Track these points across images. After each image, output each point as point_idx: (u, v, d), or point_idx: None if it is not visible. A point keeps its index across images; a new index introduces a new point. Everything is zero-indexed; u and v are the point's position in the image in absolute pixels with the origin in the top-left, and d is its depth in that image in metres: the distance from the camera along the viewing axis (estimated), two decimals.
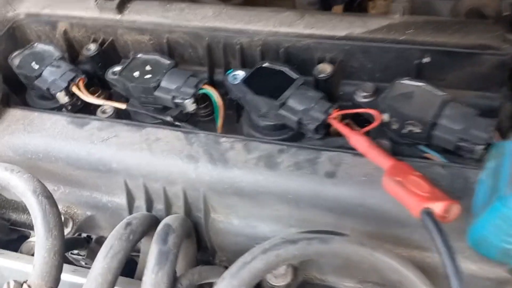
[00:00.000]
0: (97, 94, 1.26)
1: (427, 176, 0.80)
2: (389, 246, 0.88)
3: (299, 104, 1.00)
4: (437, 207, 0.73)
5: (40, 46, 1.23)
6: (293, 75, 1.05)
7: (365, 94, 1.06)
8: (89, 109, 1.18)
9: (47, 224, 0.86)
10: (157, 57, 1.15)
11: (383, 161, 0.84)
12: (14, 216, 1.20)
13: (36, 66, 1.19)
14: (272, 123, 1.06)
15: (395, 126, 0.97)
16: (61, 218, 0.89)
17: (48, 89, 1.16)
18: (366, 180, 0.87)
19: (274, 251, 0.79)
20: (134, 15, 1.26)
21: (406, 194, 0.76)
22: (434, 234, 0.71)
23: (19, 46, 1.26)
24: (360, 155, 0.90)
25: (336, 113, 0.98)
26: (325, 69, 1.10)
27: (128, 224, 0.88)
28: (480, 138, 0.88)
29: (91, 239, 1.07)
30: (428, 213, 0.73)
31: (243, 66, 1.18)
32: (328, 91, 1.06)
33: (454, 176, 0.85)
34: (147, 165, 0.99)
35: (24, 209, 1.18)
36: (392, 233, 0.89)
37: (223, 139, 0.98)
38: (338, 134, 1.00)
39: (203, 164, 0.95)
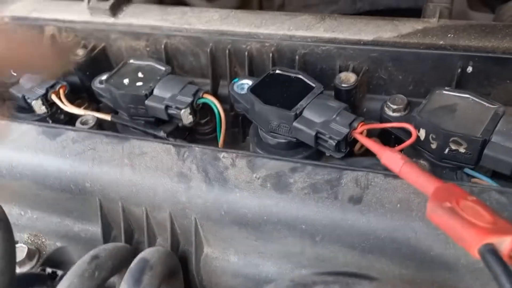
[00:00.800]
0: (83, 107, 1.10)
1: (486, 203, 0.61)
2: None
3: (317, 116, 0.85)
4: (504, 242, 0.54)
5: None
6: (311, 82, 0.89)
7: (395, 107, 0.92)
8: (74, 124, 1.03)
9: None
10: (152, 63, 1.03)
11: (426, 184, 0.65)
12: None
13: (15, 73, 1.06)
14: (284, 140, 0.90)
15: (434, 145, 0.83)
16: (14, 247, 0.73)
17: (23, 97, 1.01)
18: (402, 208, 0.70)
19: None
20: (130, 18, 1.13)
21: (460, 225, 0.56)
22: (501, 278, 0.52)
23: None
24: (393, 176, 0.74)
25: (362, 127, 0.82)
26: (348, 78, 0.94)
27: (95, 257, 0.69)
28: None
29: (57, 275, 0.88)
30: (492, 250, 0.54)
31: (251, 76, 1.03)
32: (350, 105, 0.92)
33: None
34: (128, 185, 0.82)
35: None
36: (432, 277, 0.72)
37: (223, 154, 0.80)
38: (364, 154, 0.88)
39: (196, 184, 0.78)
